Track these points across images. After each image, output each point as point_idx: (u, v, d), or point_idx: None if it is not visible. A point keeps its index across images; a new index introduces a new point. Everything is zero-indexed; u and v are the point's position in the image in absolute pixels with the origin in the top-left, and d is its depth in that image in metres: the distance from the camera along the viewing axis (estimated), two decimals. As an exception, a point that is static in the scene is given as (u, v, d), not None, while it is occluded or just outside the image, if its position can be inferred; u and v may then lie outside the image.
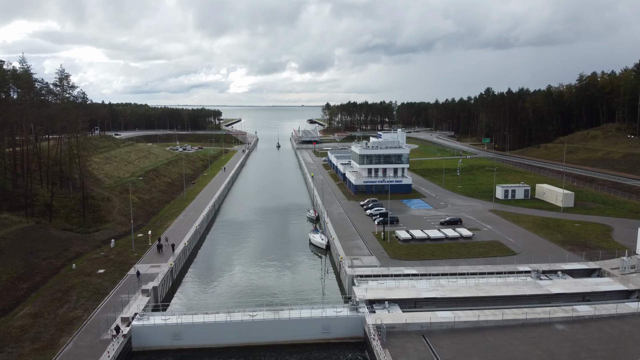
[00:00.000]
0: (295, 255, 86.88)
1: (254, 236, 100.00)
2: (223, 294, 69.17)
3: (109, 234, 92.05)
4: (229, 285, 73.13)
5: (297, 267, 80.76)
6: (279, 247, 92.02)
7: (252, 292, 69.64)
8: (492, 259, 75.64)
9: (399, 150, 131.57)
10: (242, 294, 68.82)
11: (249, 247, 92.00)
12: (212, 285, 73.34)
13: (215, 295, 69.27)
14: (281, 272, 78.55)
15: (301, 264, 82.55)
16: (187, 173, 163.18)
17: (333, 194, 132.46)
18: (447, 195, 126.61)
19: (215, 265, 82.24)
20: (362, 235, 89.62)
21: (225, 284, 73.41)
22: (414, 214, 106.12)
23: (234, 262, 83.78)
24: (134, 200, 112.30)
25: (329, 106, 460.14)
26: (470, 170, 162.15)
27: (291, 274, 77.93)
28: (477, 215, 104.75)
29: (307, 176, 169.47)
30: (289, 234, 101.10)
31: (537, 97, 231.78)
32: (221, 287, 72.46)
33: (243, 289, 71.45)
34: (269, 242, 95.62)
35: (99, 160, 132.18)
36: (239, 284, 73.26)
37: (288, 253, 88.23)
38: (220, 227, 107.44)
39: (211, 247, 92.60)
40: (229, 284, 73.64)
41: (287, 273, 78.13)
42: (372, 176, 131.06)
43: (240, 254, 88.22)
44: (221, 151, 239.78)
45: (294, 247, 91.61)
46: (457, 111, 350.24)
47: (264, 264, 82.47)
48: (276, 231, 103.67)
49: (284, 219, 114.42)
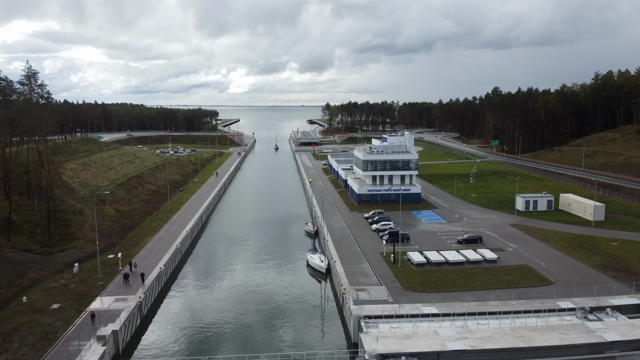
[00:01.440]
0: (290, 281, 74.40)
1: (243, 256, 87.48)
2: (201, 337, 56.66)
3: (75, 255, 79.58)
4: (209, 323, 60.51)
5: (292, 298, 68.19)
6: (272, 269, 79.55)
7: (236, 335, 57.18)
8: (525, 290, 63.26)
9: (406, 156, 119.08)
10: (224, 337, 56.40)
11: (236, 271, 79.44)
12: (190, 323, 60.72)
13: (191, 337, 56.71)
14: (273, 305, 65.98)
15: (297, 293, 69.94)
16: (175, 179, 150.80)
17: (334, 203, 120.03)
18: (461, 206, 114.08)
19: (195, 297, 69.66)
20: (368, 256, 77.20)
21: (205, 322, 60.81)
22: (426, 229, 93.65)
23: (217, 291, 71.24)
24: (109, 213, 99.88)
25: (329, 106, 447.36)
26: (483, 176, 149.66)
27: (285, 306, 65.33)
28: (497, 230, 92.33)
29: (306, 181, 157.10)
30: (284, 252, 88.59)
31: (550, 97, 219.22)
32: (200, 325, 59.87)
33: (226, 330, 58.91)
34: (260, 263, 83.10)
35: (75, 166, 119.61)
36: (221, 323, 60.67)
37: (282, 277, 75.76)
38: (205, 245, 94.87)
39: (192, 272, 79.98)
40: (209, 322, 61.01)
41: (280, 306, 65.53)
42: (377, 184, 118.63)
43: (226, 280, 75.70)
44: (215, 154, 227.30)
45: (289, 270, 79.13)
46: (462, 112, 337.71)
47: (253, 295, 69.91)
48: (269, 249, 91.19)
49: (279, 233, 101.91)
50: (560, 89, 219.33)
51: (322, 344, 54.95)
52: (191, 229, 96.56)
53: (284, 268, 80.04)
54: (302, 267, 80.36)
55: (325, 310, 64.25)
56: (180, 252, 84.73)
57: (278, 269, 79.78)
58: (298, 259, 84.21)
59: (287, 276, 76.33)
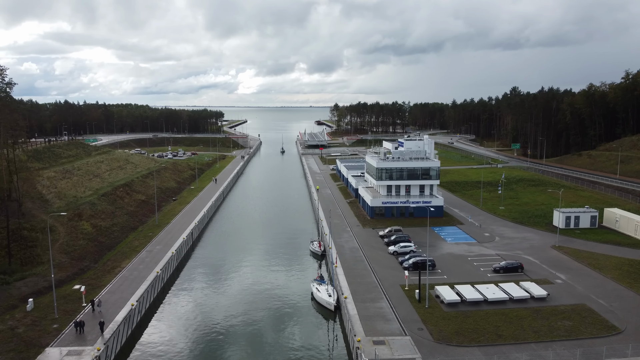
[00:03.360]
0: (291, 321, 60.76)
1: (235, 286, 73.70)
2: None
3: (35, 285, 66.49)
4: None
5: (293, 347, 54.52)
6: (270, 304, 65.87)
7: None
8: (590, 343, 49.17)
9: (426, 163, 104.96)
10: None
11: (224, 307, 65.75)
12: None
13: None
14: (268, 356, 52.38)
15: (298, 340, 56.30)
16: (169, 187, 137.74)
17: (343, 216, 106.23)
18: (490, 221, 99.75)
19: (172, 345, 56.17)
20: (386, 290, 63.36)
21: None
22: (453, 252, 79.58)
23: (200, 335, 57.67)
24: (85, 229, 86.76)
25: (337, 107, 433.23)
26: (509, 184, 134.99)
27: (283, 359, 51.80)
28: (538, 254, 78.09)
29: (312, 189, 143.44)
30: (285, 282, 74.87)
31: (576, 98, 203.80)
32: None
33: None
34: (255, 295, 69.40)
35: (54, 174, 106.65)
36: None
37: (281, 316, 62.11)
38: (192, 269, 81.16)
39: (172, 308, 66.26)
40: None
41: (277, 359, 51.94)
42: (393, 195, 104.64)
43: (212, 318, 62.12)
44: (217, 157, 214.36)
45: (290, 306, 65.43)
46: (477, 113, 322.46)
47: (245, 344, 56.33)
48: (267, 275, 77.49)
49: (280, 255, 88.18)
50: (587, 89, 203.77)
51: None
52: (178, 249, 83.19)
53: (284, 303, 66.32)
54: (306, 302, 66.62)
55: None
56: (160, 281, 71.26)
57: (277, 304, 66.09)
58: (301, 290, 70.47)
59: (287, 315, 62.63)
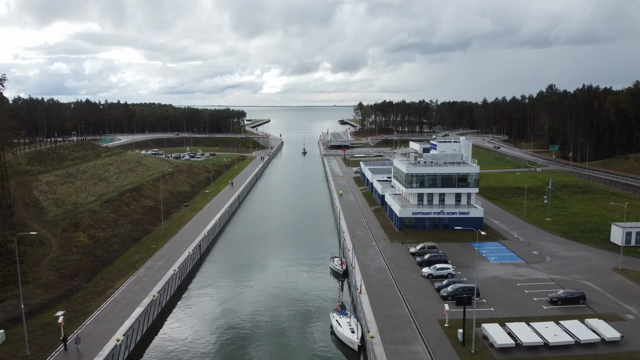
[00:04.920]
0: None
1: (243, 314, 63.52)
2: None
3: (13, 311, 57.74)
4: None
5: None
6: (282, 339, 55.61)
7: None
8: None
9: (463, 168, 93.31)
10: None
11: (228, 343, 55.76)
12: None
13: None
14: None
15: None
16: (182, 191, 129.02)
17: (368, 227, 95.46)
18: (536, 236, 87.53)
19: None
20: (421, 327, 52.40)
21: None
22: (498, 276, 67.96)
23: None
24: (81, 241, 78.08)
25: (361, 106, 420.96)
26: (552, 191, 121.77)
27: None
28: (599, 279, 65.94)
29: (334, 194, 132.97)
30: (300, 309, 64.35)
31: (621, 96, 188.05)
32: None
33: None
34: (265, 327, 59.27)
35: (55, 178, 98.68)
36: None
37: (294, 357, 51.79)
38: (194, 292, 70.92)
39: (164, 344, 56.60)
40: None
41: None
42: (425, 205, 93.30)
43: (213, 355, 52.21)
44: (236, 158, 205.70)
45: (305, 343, 55.01)
46: (509, 112, 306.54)
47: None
48: (280, 301, 67.00)
49: (295, 273, 77.79)
50: (634, 87, 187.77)
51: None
52: (181, 266, 73.76)
53: (298, 339, 55.94)
54: (325, 337, 56.11)
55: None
56: (156, 307, 61.76)
57: (289, 340, 55.79)
58: (320, 320, 60.03)
59: (302, 355, 52.25)
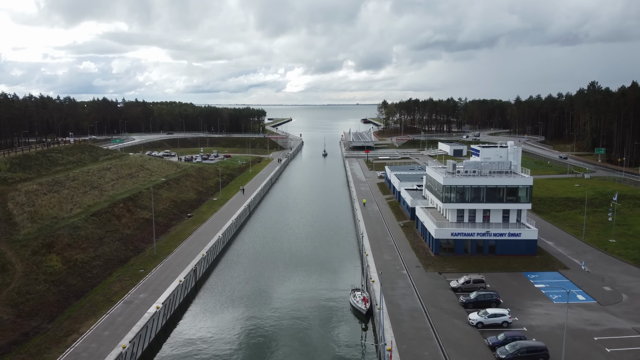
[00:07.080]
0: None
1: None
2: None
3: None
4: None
5: None
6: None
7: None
8: None
9: (513, 180, 77.52)
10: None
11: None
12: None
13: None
14: None
15: None
16: (187, 199, 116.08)
17: (397, 248, 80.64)
18: (603, 263, 71.32)
19: None
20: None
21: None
22: (568, 324, 52.32)
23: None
24: (53, 266, 65.22)
25: (385, 104, 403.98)
26: (608, 203, 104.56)
27: None
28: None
29: (356, 203, 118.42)
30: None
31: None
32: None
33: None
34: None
35: (38, 187, 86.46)
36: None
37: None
38: (179, 338, 57.66)
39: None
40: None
41: None
42: (466, 223, 77.96)
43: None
44: (252, 160, 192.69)
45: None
46: (545, 111, 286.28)
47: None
48: (284, 351, 53.03)
49: (307, 312, 63.06)
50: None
51: None
52: (167, 300, 60.23)
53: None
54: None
55: None
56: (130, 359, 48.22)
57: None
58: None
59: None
